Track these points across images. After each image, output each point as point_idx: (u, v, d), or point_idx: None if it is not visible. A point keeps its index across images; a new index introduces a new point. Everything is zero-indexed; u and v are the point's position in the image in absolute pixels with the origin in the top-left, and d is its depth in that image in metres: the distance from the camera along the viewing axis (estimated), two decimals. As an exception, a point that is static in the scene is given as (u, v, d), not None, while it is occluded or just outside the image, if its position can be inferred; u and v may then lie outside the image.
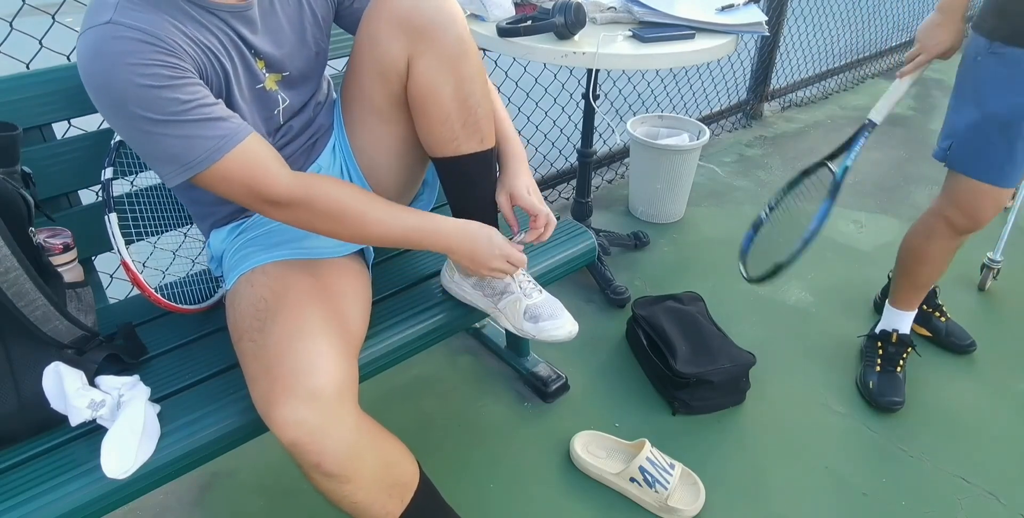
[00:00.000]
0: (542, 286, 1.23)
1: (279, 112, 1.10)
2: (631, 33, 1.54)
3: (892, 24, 4.28)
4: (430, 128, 1.10)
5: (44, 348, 0.97)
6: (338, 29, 1.20)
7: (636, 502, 1.40)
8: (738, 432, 1.58)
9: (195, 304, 1.22)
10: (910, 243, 1.63)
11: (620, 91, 2.93)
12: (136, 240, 1.21)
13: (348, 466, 0.93)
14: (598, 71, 1.61)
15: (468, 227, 1.10)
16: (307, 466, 0.93)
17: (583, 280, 2.05)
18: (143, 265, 1.70)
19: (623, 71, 3.30)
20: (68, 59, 1.27)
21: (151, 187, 1.25)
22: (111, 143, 1.17)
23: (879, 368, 1.69)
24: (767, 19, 1.63)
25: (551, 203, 2.50)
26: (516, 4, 1.66)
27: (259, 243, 1.13)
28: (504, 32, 1.49)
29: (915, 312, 1.73)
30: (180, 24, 0.91)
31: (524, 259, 1.14)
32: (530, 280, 1.21)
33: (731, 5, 1.66)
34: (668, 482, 1.38)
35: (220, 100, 0.94)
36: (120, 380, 1.00)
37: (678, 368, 1.57)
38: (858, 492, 1.44)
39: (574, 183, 2.42)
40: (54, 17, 1.42)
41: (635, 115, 2.41)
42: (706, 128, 2.33)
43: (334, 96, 1.25)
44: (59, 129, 1.18)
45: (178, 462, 0.98)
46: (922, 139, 3.04)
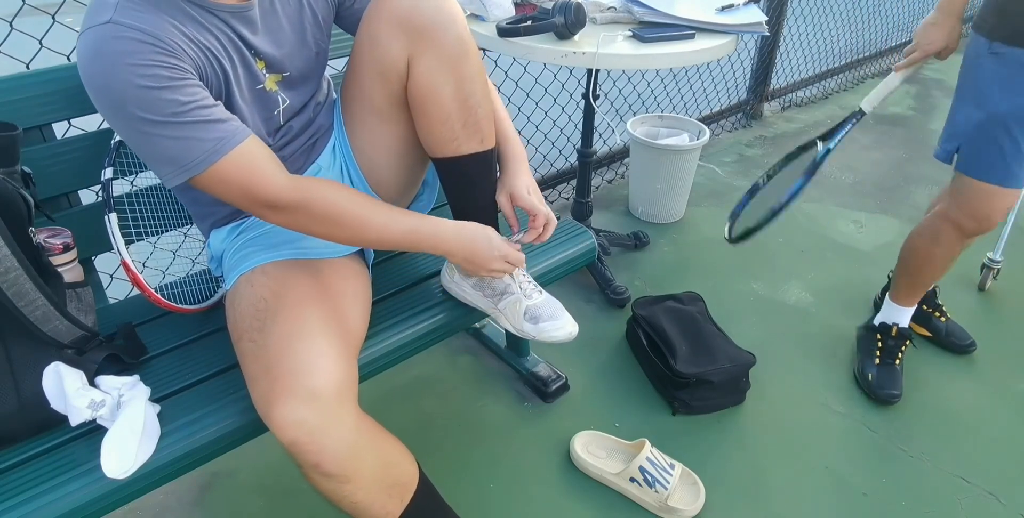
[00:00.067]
0: (542, 286, 1.23)
1: (279, 112, 1.10)
2: (631, 33, 1.54)
3: (892, 24, 4.28)
4: (430, 128, 1.10)
5: (44, 348, 0.97)
6: (338, 29, 1.20)
7: (636, 502, 1.40)
8: (738, 432, 1.58)
9: (195, 304, 1.22)
10: (914, 245, 1.63)
11: (620, 91, 2.92)
12: (136, 240, 1.21)
13: (348, 466, 0.93)
14: (598, 71, 1.61)
15: (466, 229, 1.10)
16: (306, 466, 0.93)
17: (583, 280, 2.05)
18: (143, 265, 1.70)
19: (623, 71, 3.30)
20: (68, 59, 1.27)
21: (151, 187, 1.25)
22: (111, 143, 1.17)
23: (878, 361, 1.70)
24: (767, 19, 1.63)
25: (551, 203, 2.50)
26: (516, 4, 1.66)
27: (259, 243, 1.13)
28: (504, 32, 1.49)
29: (915, 307, 1.73)
30: (180, 24, 0.91)
31: (522, 258, 1.14)
32: (530, 280, 1.21)
33: (731, 5, 1.66)
34: (668, 482, 1.38)
35: (219, 102, 0.94)
36: (120, 380, 1.00)
37: (678, 368, 1.57)
38: (858, 492, 1.44)
39: (574, 183, 2.42)
40: (54, 17, 1.42)
41: (635, 115, 2.41)
42: (706, 128, 2.33)
43: (334, 96, 1.25)
44: (59, 129, 1.18)
45: (178, 462, 0.98)
46: (922, 139, 3.04)
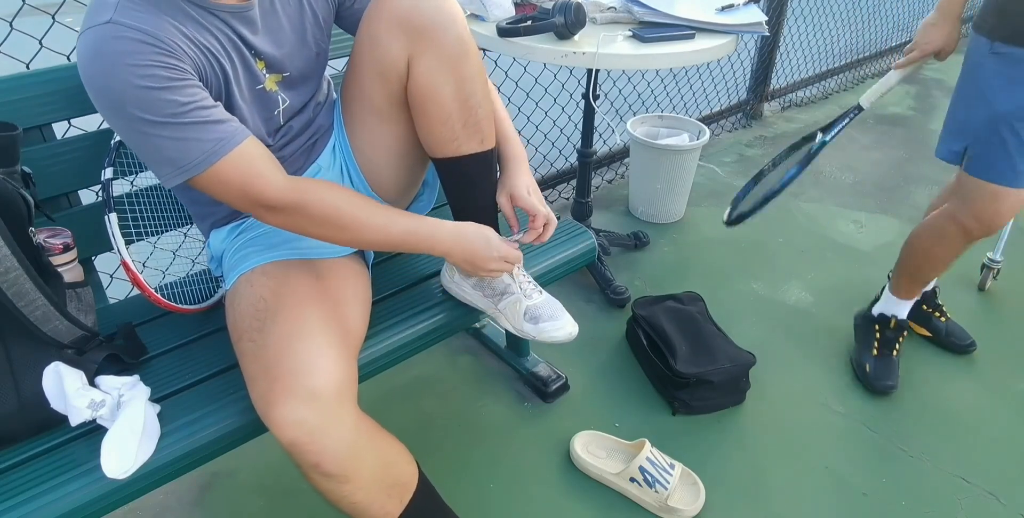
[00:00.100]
0: (542, 286, 1.23)
1: (279, 113, 1.10)
2: (631, 33, 1.54)
3: (892, 24, 4.28)
4: (430, 128, 1.10)
5: (44, 348, 0.97)
6: (338, 29, 1.20)
7: (636, 502, 1.40)
8: (738, 432, 1.58)
9: (195, 304, 1.22)
10: (918, 244, 1.62)
11: (620, 91, 2.93)
12: (136, 240, 1.21)
13: (347, 466, 0.93)
14: (598, 71, 1.61)
15: (464, 230, 1.09)
16: (306, 466, 0.92)
17: (583, 280, 2.05)
18: (143, 265, 1.70)
19: (623, 71, 3.30)
20: (68, 59, 1.27)
21: (151, 187, 1.25)
22: (111, 143, 1.17)
23: (876, 352, 1.71)
24: (767, 19, 1.63)
25: (551, 203, 2.50)
26: (516, 4, 1.66)
27: (259, 243, 1.13)
28: (504, 32, 1.49)
29: (914, 301, 1.74)
30: (180, 25, 0.91)
31: (519, 255, 1.14)
32: (530, 281, 1.21)
33: (731, 5, 1.66)
34: (668, 482, 1.38)
35: (219, 103, 0.94)
36: (120, 380, 1.00)
37: (678, 368, 1.57)
38: (858, 492, 1.44)
39: (574, 183, 2.42)
40: (54, 17, 1.42)
41: (635, 115, 2.41)
42: (706, 128, 2.33)
43: (334, 96, 1.25)
44: (59, 129, 1.18)
45: (178, 462, 0.98)
46: (922, 139, 3.04)
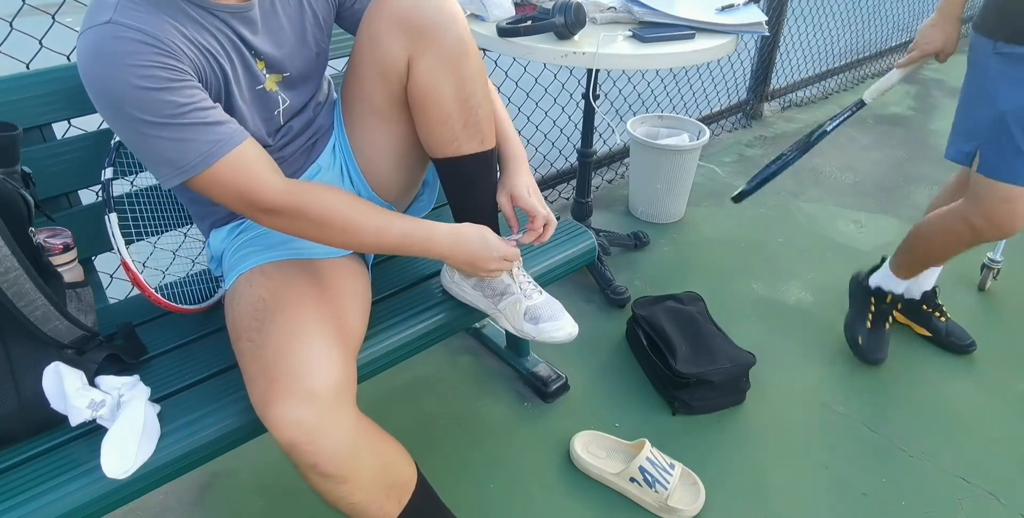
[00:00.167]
0: (542, 286, 1.23)
1: (279, 113, 1.10)
2: (631, 33, 1.54)
3: (892, 24, 4.28)
4: (430, 128, 1.10)
5: (44, 348, 0.97)
6: (338, 29, 1.20)
7: (636, 502, 1.40)
8: (738, 432, 1.58)
9: (195, 304, 1.22)
10: (926, 238, 1.61)
11: (620, 91, 2.93)
12: (136, 240, 1.21)
13: (345, 466, 0.93)
14: (598, 71, 1.61)
15: (462, 233, 1.09)
16: (304, 466, 0.92)
17: (583, 280, 2.05)
18: (143, 265, 1.71)
19: (623, 71, 3.30)
20: (68, 59, 1.27)
21: (151, 187, 1.25)
22: (111, 143, 1.17)
23: (870, 324, 1.74)
24: (767, 19, 1.63)
25: (551, 203, 2.50)
26: (516, 4, 1.66)
27: (258, 243, 1.13)
28: (504, 32, 1.49)
29: (913, 280, 1.76)
30: (180, 25, 0.91)
31: (516, 252, 1.14)
32: (530, 281, 1.21)
33: (731, 5, 1.66)
34: (668, 482, 1.38)
35: (218, 104, 0.94)
36: (120, 380, 1.00)
37: (678, 368, 1.57)
38: (858, 492, 1.44)
39: (574, 183, 2.43)
40: (54, 17, 1.42)
41: (635, 115, 2.41)
42: (706, 128, 2.33)
43: (334, 96, 1.25)
44: (59, 129, 1.18)
45: (178, 462, 0.98)
46: (922, 139, 3.04)
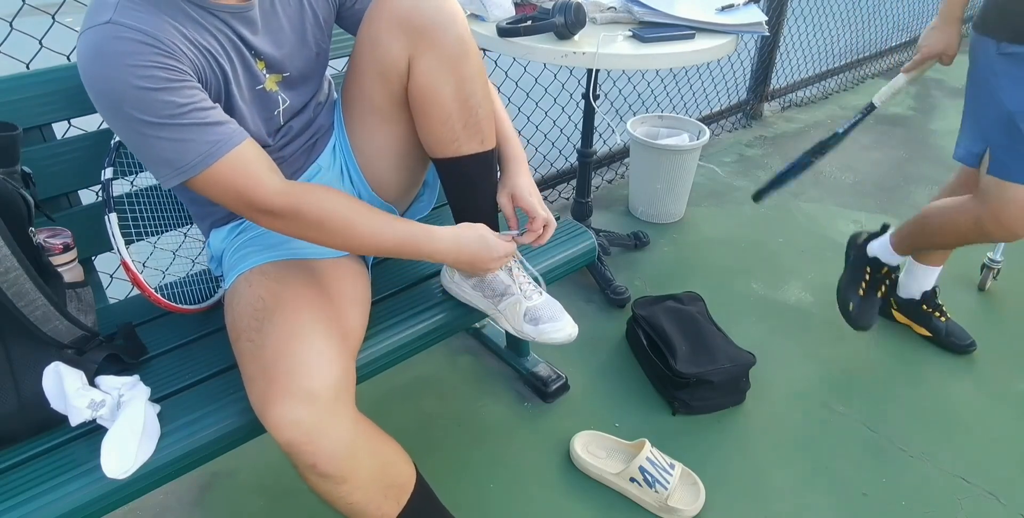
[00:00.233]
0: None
1: (279, 113, 1.10)
2: (631, 33, 1.54)
3: (892, 24, 4.27)
4: (431, 128, 1.10)
5: (44, 348, 0.97)
6: (339, 29, 1.20)
7: (636, 502, 1.40)
8: (738, 432, 1.58)
9: (195, 304, 1.22)
10: (932, 229, 1.60)
11: (620, 91, 2.93)
12: (136, 240, 1.21)
13: (344, 466, 0.93)
14: (598, 71, 1.61)
15: (461, 235, 1.09)
16: (303, 466, 0.92)
17: (583, 280, 2.05)
18: (143, 265, 1.71)
19: (623, 71, 3.30)
20: (68, 59, 1.27)
21: (151, 187, 1.25)
22: (111, 143, 1.17)
23: (862, 292, 1.78)
24: (767, 19, 1.63)
25: (551, 203, 2.50)
26: (516, 4, 1.66)
27: (258, 243, 1.13)
28: (504, 32, 1.49)
29: (908, 257, 1.78)
30: (180, 25, 0.91)
31: (513, 247, 1.14)
32: (530, 281, 1.21)
33: (731, 5, 1.66)
34: (668, 482, 1.38)
35: (217, 104, 0.94)
36: (120, 380, 1.00)
37: (678, 368, 1.57)
38: (858, 492, 1.44)
39: (574, 183, 2.43)
40: (54, 17, 1.42)
41: (635, 115, 2.41)
42: (706, 128, 2.33)
43: (335, 96, 1.25)
44: (59, 129, 1.18)
45: (178, 462, 0.98)
46: (922, 139, 3.04)
